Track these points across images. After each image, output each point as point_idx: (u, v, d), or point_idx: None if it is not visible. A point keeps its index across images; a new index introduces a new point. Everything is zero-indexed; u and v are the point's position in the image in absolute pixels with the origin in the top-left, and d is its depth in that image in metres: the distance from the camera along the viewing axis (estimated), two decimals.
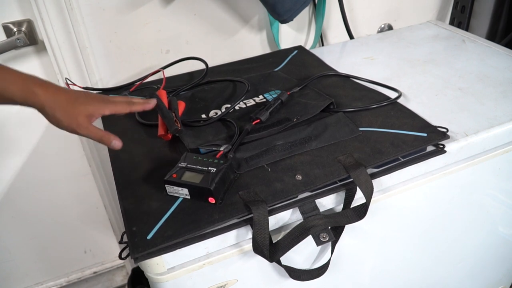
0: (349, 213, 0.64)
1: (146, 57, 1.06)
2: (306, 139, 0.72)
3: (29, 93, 0.59)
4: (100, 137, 0.63)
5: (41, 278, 1.31)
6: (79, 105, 0.61)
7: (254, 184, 0.63)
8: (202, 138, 0.74)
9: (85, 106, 0.62)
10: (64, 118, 0.60)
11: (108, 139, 0.63)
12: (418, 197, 0.75)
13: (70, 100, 0.61)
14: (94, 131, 0.62)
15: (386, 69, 0.96)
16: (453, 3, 1.35)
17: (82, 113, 0.61)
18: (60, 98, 0.61)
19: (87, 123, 0.61)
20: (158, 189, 0.64)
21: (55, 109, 0.60)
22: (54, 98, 0.60)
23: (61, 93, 0.62)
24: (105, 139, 0.63)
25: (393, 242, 0.80)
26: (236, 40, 1.13)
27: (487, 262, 1.02)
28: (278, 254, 0.61)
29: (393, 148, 0.68)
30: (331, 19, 1.21)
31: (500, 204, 0.88)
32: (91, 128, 0.62)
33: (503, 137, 0.76)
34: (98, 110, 0.63)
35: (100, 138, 0.63)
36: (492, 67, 0.93)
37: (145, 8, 0.99)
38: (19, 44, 0.93)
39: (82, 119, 0.61)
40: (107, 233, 1.31)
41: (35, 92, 0.59)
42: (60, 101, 0.60)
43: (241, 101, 0.83)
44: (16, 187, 1.12)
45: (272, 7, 0.98)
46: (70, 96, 0.62)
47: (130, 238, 0.57)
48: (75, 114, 0.61)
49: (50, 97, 0.60)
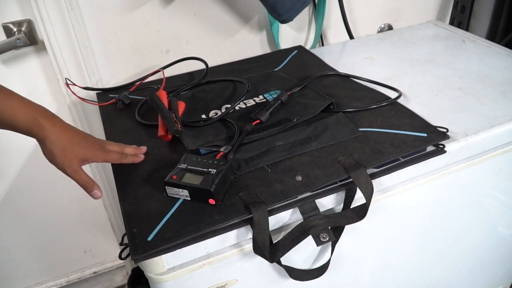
0: (349, 213, 0.64)
1: (146, 57, 1.06)
2: (306, 140, 0.72)
3: (35, 125, 0.61)
4: (84, 183, 0.64)
5: (41, 278, 1.31)
6: (79, 148, 0.63)
7: (254, 185, 0.63)
8: (202, 139, 0.74)
9: (83, 151, 0.64)
10: (59, 156, 0.62)
11: (92, 188, 0.65)
12: (418, 197, 0.75)
13: (72, 141, 0.63)
14: (81, 175, 0.64)
15: (386, 69, 0.96)
16: (453, 3, 1.35)
17: (77, 157, 0.63)
18: (64, 137, 0.62)
19: (78, 166, 0.63)
20: (158, 190, 0.64)
21: (55, 145, 0.62)
22: (58, 135, 0.62)
23: (67, 132, 0.63)
24: (88, 187, 0.64)
25: (393, 242, 0.80)
26: (236, 40, 1.13)
27: (487, 262, 1.02)
28: (278, 255, 0.61)
29: (393, 148, 0.68)
30: (331, 19, 1.21)
31: (500, 204, 0.88)
32: (80, 172, 0.63)
33: (503, 137, 0.76)
34: (93, 158, 0.65)
35: (84, 184, 0.64)
36: (492, 67, 0.93)
37: (145, 8, 0.99)
38: (19, 44, 0.93)
39: (75, 162, 0.63)
40: (107, 233, 1.32)
41: (42, 125, 0.61)
42: (63, 140, 0.62)
43: (241, 101, 0.83)
44: (16, 187, 1.12)
45: (272, 7, 0.98)
46: (73, 137, 0.64)
47: (131, 240, 0.57)
48: (71, 156, 0.62)
49: (55, 133, 0.62)
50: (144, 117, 0.84)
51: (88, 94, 0.99)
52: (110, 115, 0.87)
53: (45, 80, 1.01)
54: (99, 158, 0.66)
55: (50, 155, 0.63)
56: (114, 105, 0.89)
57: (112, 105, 0.89)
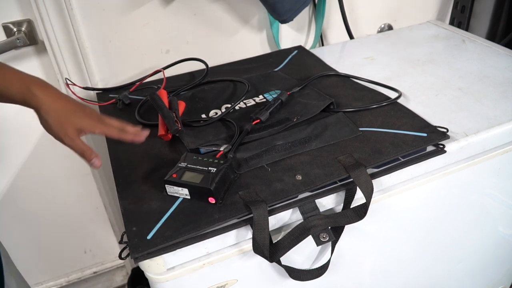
0: (349, 213, 0.64)
1: (146, 57, 1.06)
2: (306, 139, 0.72)
3: (28, 94, 0.60)
4: (82, 151, 0.62)
5: (41, 278, 1.31)
6: (74, 117, 0.62)
7: (254, 184, 0.63)
8: (202, 138, 0.74)
9: (79, 120, 0.62)
10: (54, 125, 0.61)
11: (90, 156, 0.63)
12: (418, 197, 0.75)
13: (67, 110, 0.62)
14: (78, 144, 0.62)
15: (386, 69, 0.96)
16: (453, 3, 1.35)
17: (73, 125, 0.61)
18: (57, 105, 0.61)
19: (74, 135, 0.62)
20: (158, 189, 0.64)
21: (49, 114, 0.60)
22: (51, 103, 0.61)
23: (60, 100, 0.62)
24: (86, 155, 0.63)
25: (393, 242, 0.80)
26: (236, 40, 1.13)
27: (487, 262, 1.02)
28: (278, 254, 0.61)
29: (393, 148, 0.68)
30: (331, 19, 1.21)
31: (500, 204, 0.88)
32: (76, 140, 0.62)
33: (503, 137, 0.76)
34: (90, 128, 0.63)
35: (82, 152, 0.62)
36: (492, 67, 0.93)
37: (145, 8, 0.99)
38: (19, 44, 0.93)
39: (71, 131, 0.61)
40: (107, 233, 1.31)
41: (34, 94, 0.60)
42: (56, 108, 0.61)
43: (241, 101, 0.83)
44: (16, 187, 1.12)
45: (272, 7, 0.98)
46: (67, 106, 0.62)
47: (130, 238, 0.57)
48: (66, 125, 0.61)
49: (48, 101, 0.60)
50: (144, 117, 0.84)
51: (88, 94, 0.99)
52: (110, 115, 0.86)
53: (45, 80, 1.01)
54: (97, 129, 0.64)
55: (46, 124, 0.61)
56: (114, 105, 0.89)
57: (112, 105, 0.89)
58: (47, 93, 0.61)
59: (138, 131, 0.67)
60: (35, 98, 0.60)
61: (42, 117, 0.61)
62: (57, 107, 0.61)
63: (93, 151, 0.63)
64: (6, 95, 0.60)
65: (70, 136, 0.61)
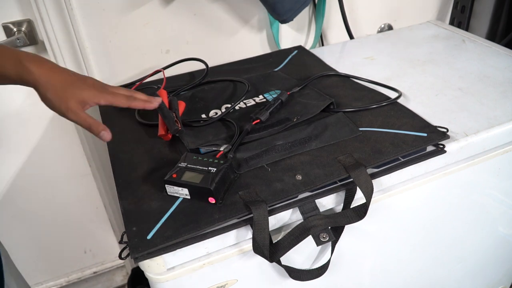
0: (349, 213, 0.64)
1: (146, 57, 1.06)
2: (306, 139, 0.72)
3: (23, 70, 0.57)
4: (88, 125, 0.59)
5: (41, 278, 1.31)
6: (74, 89, 0.58)
7: (254, 184, 0.63)
8: (202, 138, 0.74)
9: (79, 91, 0.58)
10: (54, 100, 0.57)
11: (97, 129, 0.59)
12: (418, 197, 0.75)
13: (65, 83, 0.58)
14: (83, 117, 0.59)
15: (386, 69, 0.96)
16: (453, 3, 1.35)
17: (74, 98, 0.58)
18: (54, 78, 0.57)
19: (78, 108, 0.58)
20: (158, 189, 0.64)
21: (47, 89, 0.57)
22: (48, 77, 0.57)
23: (57, 73, 0.58)
24: (94, 128, 0.59)
25: (393, 242, 0.80)
26: (236, 40, 1.13)
27: (487, 262, 1.02)
28: (278, 254, 0.61)
29: (393, 148, 0.68)
30: (331, 19, 1.21)
31: (500, 204, 0.88)
32: (81, 114, 0.58)
33: (503, 137, 0.76)
34: (93, 98, 0.60)
35: (89, 125, 0.59)
36: (492, 67, 0.93)
37: (145, 8, 1.00)
38: (19, 44, 0.93)
39: (73, 104, 0.58)
40: (107, 233, 1.32)
41: (29, 69, 0.56)
42: (54, 82, 0.57)
43: (241, 101, 0.83)
44: (16, 187, 1.12)
45: (272, 7, 0.98)
46: (65, 78, 0.59)
47: (130, 238, 0.57)
48: (66, 98, 0.57)
49: (43, 75, 0.57)
50: (144, 116, 0.84)
51: None
52: (110, 115, 0.87)
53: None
54: (102, 99, 0.60)
55: (46, 101, 0.58)
56: None
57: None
58: (42, 67, 0.58)
59: (148, 98, 0.63)
60: (31, 74, 0.56)
61: (41, 93, 0.58)
62: (55, 80, 0.57)
63: (100, 123, 0.60)
64: (3, 75, 0.57)
65: (72, 109, 0.58)
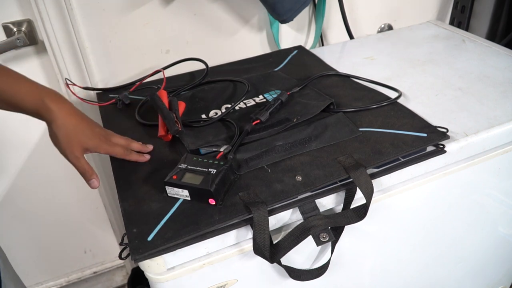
0: (349, 213, 0.64)
1: (146, 57, 1.06)
2: (306, 140, 0.72)
3: (43, 107, 0.61)
4: (84, 171, 0.65)
5: (41, 278, 1.31)
6: (82, 136, 0.63)
7: (254, 185, 0.63)
8: (202, 139, 0.74)
9: (86, 140, 0.64)
10: (63, 141, 0.62)
11: (90, 176, 0.65)
12: (418, 197, 0.75)
13: (77, 128, 0.63)
14: (82, 163, 0.64)
15: (386, 69, 0.96)
16: (453, 3, 1.35)
17: (80, 144, 0.63)
18: (69, 121, 0.62)
19: (79, 153, 0.64)
20: (158, 190, 0.64)
21: (60, 129, 0.62)
22: (64, 119, 0.62)
23: (73, 117, 0.63)
24: (87, 175, 0.65)
25: (393, 242, 0.80)
26: (236, 40, 1.13)
27: (487, 262, 1.02)
28: (278, 255, 0.61)
29: (393, 148, 0.68)
30: (331, 19, 1.21)
31: (500, 204, 0.88)
32: (81, 159, 0.64)
33: (503, 137, 0.76)
34: (95, 148, 0.65)
35: (84, 171, 0.65)
36: (492, 67, 0.93)
37: (145, 8, 0.99)
38: (19, 44, 0.93)
39: (78, 150, 0.63)
40: (107, 233, 1.32)
41: (49, 107, 0.61)
42: (68, 124, 0.62)
43: (241, 101, 0.83)
44: (16, 187, 1.12)
45: (272, 7, 0.98)
46: (79, 123, 0.64)
47: (131, 240, 0.57)
48: (73, 143, 0.63)
49: (61, 116, 0.62)
50: (144, 117, 0.84)
51: (88, 94, 0.99)
52: (110, 115, 0.87)
53: (45, 80, 1.01)
54: (102, 150, 0.66)
55: (54, 138, 0.63)
56: (114, 105, 0.89)
57: (112, 105, 0.89)
58: (61, 108, 0.62)
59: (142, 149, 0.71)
60: (49, 112, 0.61)
61: (52, 131, 0.62)
62: (69, 124, 0.62)
63: (93, 171, 0.65)
64: (20, 106, 0.61)
65: (75, 154, 0.63)
